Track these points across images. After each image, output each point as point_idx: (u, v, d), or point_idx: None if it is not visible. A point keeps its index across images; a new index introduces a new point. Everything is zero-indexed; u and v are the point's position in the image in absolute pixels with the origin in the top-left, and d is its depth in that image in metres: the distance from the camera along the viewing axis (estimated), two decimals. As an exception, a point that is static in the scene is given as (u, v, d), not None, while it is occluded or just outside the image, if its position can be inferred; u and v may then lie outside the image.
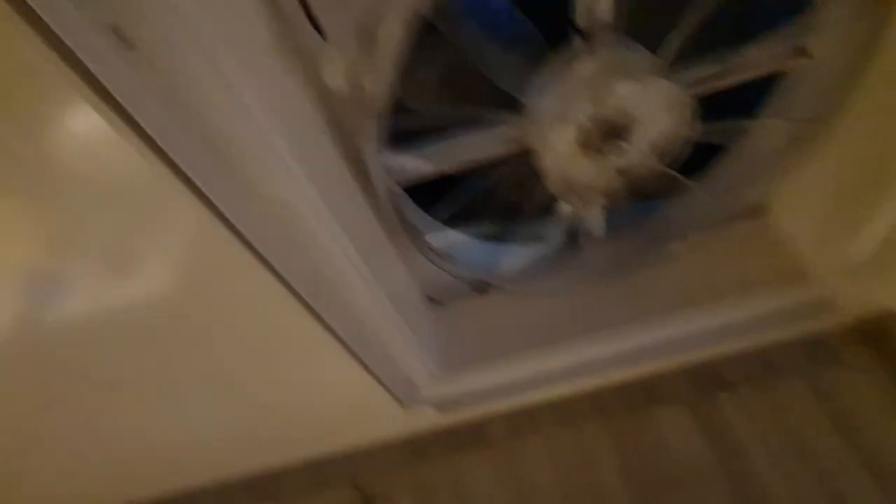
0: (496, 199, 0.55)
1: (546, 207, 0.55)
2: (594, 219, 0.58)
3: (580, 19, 0.39)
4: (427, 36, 0.35)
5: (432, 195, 0.54)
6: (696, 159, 0.51)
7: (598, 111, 0.42)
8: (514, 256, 0.60)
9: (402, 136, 0.45)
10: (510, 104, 0.44)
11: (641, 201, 0.55)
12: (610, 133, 0.44)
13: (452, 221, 0.56)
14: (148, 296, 0.46)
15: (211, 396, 0.65)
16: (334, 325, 0.44)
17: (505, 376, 0.65)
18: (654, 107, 0.43)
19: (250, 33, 0.30)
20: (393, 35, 0.34)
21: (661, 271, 0.60)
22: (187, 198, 0.31)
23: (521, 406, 0.75)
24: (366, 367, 0.51)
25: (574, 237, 0.60)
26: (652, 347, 0.62)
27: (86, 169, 0.33)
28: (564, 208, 0.55)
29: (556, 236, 0.60)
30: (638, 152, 0.47)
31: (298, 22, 0.33)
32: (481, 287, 0.67)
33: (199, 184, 0.30)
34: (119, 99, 0.25)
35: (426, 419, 0.69)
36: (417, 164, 0.46)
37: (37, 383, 0.57)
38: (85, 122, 0.28)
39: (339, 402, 0.64)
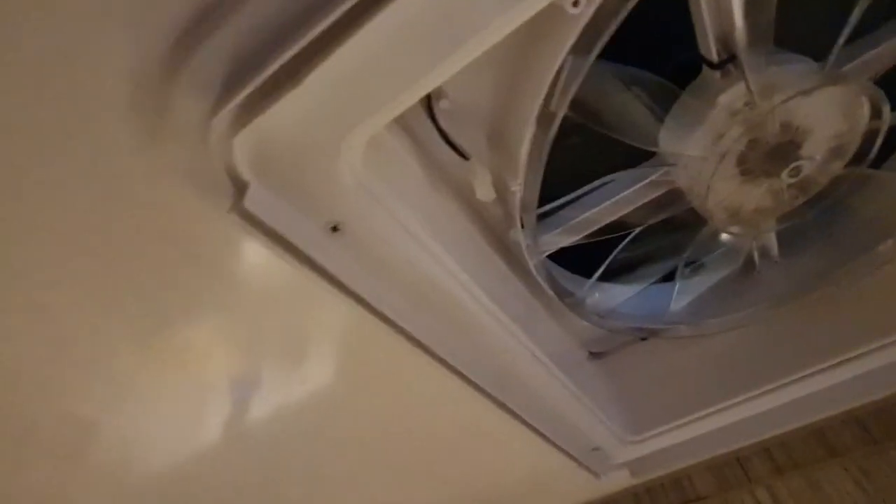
0: (649, 244, 0.52)
1: (709, 239, 0.50)
2: (768, 239, 0.51)
3: (710, 53, 0.37)
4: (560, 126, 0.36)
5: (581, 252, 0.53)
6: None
7: (758, 135, 0.39)
8: (680, 296, 0.56)
9: (547, 213, 0.45)
10: (651, 154, 0.42)
11: (827, 208, 0.48)
12: (777, 153, 0.39)
13: (607, 276, 0.54)
14: (345, 398, 0.51)
15: (406, 482, 0.68)
16: (518, 410, 0.45)
17: (703, 427, 0.58)
18: (825, 112, 0.38)
19: (417, 180, 0.34)
20: (528, 136, 0.35)
21: (870, 282, 0.50)
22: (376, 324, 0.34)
23: (727, 455, 0.67)
24: (553, 444, 0.50)
25: (747, 261, 0.54)
26: (884, 373, 0.51)
27: (262, 287, 0.38)
28: (730, 236, 0.50)
29: (723, 265, 0.54)
30: (814, 163, 0.41)
31: (443, 152, 0.36)
32: (651, 331, 0.62)
33: (388, 314, 0.33)
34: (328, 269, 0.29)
35: (621, 481, 0.64)
36: (565, 237, 0.46)
37: (256, 487, 0.66)
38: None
39: (529, 478, 0.63)
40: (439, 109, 0.36)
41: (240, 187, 0.25)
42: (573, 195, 0.45)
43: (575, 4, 0.29)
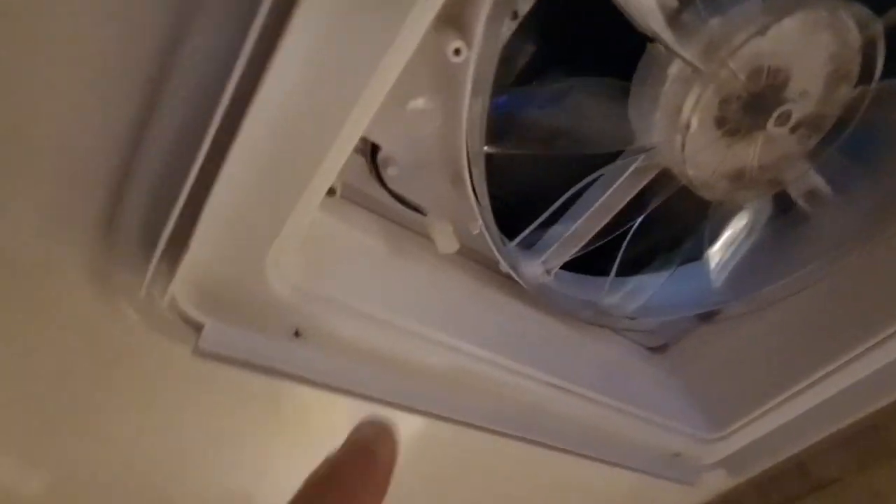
0: (665, 228, 0.48)
1: (725, 210, 0.45)
2: (811, 181, 0.44)
3: (643, 26, 0.34)
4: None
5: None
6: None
7: (727, 92, 0.34)
8: (719, 271, 0.50)
9: (533, 235, 0.44)
10: (619, 153, 0.39)
11: (860, 133, 0.41)
12: (754, 105, 0.35)
13: (625, 272, 0.50)
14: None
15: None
16: (570, 447, 0.43)
17: (802, 405, 0.51)
18: (800, 42, 0.33)
19: (379, 254, 0.35)
20: (467, 179, 0.35)
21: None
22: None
23: (855, 426, 0.57)
24: (626, 467, 0.47)
25: (794, 215, 0.47)
26: None
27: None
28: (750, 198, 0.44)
29: (756, 227, 0.48)
30: (811, 99, 0.35)
31: (405, 214, 0.37)
32: (705, 315, 0.56)
33: (381, 397, 0.34)
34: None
35: (721, 482, 0.58)
36: (564, 251, 0.44)
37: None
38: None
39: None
40: (389, 176, 0.38)
41: (197, 329, 0.28)
42: (552, 208, 0.43)
43: (457, 53, 0.28)
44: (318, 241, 0.33)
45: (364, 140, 0.36)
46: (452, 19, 0.28)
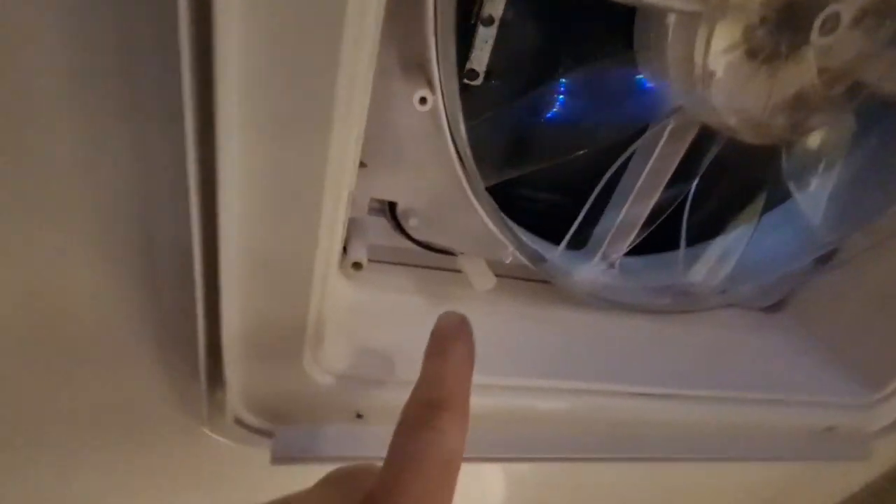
0: (729, 181, 0.42)
1: (799, 146, 0.37)
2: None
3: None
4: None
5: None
6: None
7: (747, 19, 0.29)
8: (814, 207, 0.42)
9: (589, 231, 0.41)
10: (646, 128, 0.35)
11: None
12: (787, 21, 0.29)
13: (704, 235, 0.44)
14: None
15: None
16: (697, 454, 0.38)
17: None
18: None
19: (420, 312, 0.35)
20: (482, 212, 0.33)
21: None
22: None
23: None
24: (767, 460, 0.40)
25: (885, 113, 0.38)
26: None
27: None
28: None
29: (841, 139, 0.39)
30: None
31: (439, 260, 0.36)
32: (821, 259, 0.47)
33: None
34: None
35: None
36: (618, 239, 0.40)
37: None
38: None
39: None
40: (412, 228, 0.37)
41: (269, 434, 0.29)
42: (591, 199, 0.39)
43: (423, 102, 0.27)
44: (356, 318, 0.33)
45: (380, 201, 0.36)
46: (409, 65, 0.27)
